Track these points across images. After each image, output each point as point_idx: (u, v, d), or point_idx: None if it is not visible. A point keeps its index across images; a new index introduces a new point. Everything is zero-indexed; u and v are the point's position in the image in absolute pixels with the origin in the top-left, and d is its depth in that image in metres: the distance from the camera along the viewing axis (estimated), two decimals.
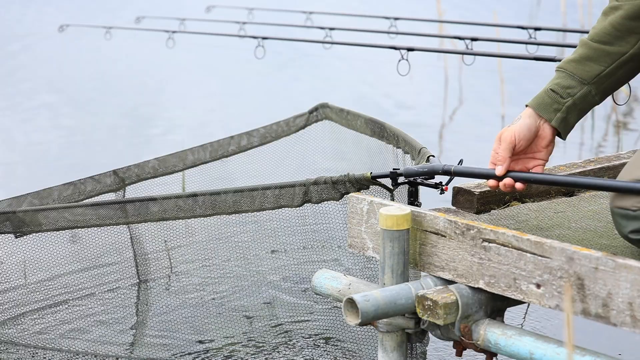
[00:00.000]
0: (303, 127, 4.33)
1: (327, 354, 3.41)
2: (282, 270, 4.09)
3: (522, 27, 4.65)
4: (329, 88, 9.09)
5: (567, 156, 6.23)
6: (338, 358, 3.38)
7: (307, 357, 3.39)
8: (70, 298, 3.74)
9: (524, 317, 3.69)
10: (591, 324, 2.12)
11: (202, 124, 7.59)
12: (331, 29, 5.09)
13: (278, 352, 3.42)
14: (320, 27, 5.24)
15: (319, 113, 4.33)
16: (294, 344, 3.48)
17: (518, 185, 2.38)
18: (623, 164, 2.93)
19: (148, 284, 3.92)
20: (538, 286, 2.15)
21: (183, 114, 8.04)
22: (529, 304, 2.75)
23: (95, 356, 3.38)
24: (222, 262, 4.13)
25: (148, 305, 3.81)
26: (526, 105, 2.43)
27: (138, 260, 3.90)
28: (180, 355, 3.40)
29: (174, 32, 5.76)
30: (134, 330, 3.63)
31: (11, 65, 10.50)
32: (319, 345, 3.47)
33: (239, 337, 3.51)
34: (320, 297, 3.10)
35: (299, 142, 4.37)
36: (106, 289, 3.84)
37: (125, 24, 7.05)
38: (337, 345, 3.47)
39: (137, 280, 3.91)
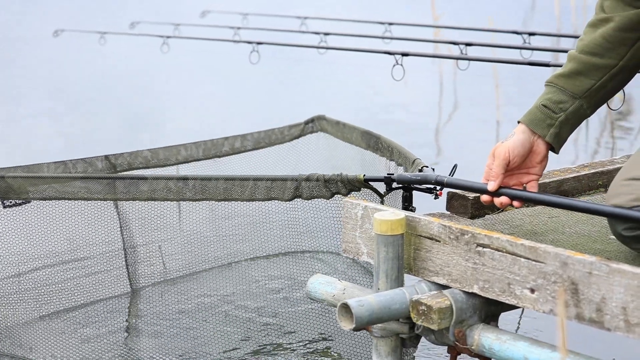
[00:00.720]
0: (297, 137, 4.35)
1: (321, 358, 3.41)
2: (273, 272, 4.10)
3: (517, 32, 4.65)
4: (323, 93, 9.09)
5: (561, 161, 6.23)
6: None
7: None
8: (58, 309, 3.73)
9: (519, 322, 3.69)
10: (585, 329, 2.12)
11: (196, 128, 7.59)
12: (326, 34, 5.09)
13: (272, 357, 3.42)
14: (315, 32, 5.24)
15: (314, 124, 4.33)
16: (288, 348, 3.48)
17: (515, 203, 2.38)
18: (617, 169, 2.94)
19: (140, 292, 3.91)
20: (532, 291, 2.15)
21: (177, 118, 8.03)
22: (523, 309, 2.75)
23: None
24: (212, 266, 4.14)
25: (139, 312, 3.80)
26: (518, 122, 2.44)
27: (130, 269, 3.90)
28: None
29: (168, 37, 5.77)
30: (127, 334, 3.63)
31: (5, 69, 10.50)
32: (313, 349, 3.47)
33: (228, 344, 3.51)
34: (315, 301, 3.10)
35: (291, 151, 4.38)
36: (98, 299, 3.83)
37: (120, 29, 7.05)
38: (331, 349, 3.47)
39: (130, 289, 3.90)
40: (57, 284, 3.75)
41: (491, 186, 2.37)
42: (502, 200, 2.38)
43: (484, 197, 2.41)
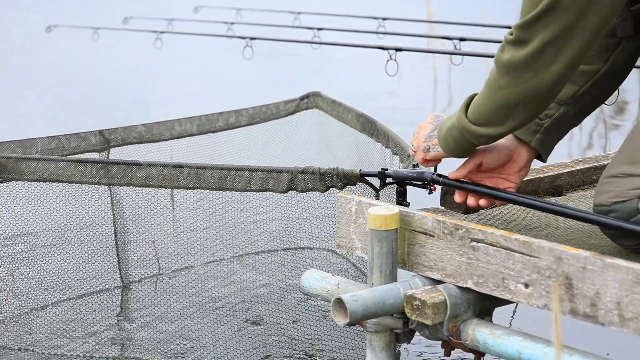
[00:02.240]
0: (292, 113, 4.34)
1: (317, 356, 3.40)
2: (267, 268, 4.10)
3: (510, 27, 4.65)
4: (317, 88, 9.08)
5: (555, 156, 6.22)
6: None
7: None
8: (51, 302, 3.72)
9: (512, 317, 3.69)
10: (579, 324, 2.12)
11: None
12: (319, 29, 5.09)
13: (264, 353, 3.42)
14: (309, 28, 5.24)
15: (309, 101, 4.33)
16: (281, 346, 3.48)
17: (482, 201, 2.43)
18: None
19: (131, 287, 3.91)
20: (526, 286, 2.15)
21: (170, 114, 8.01)
22: (517, 304, 2.75)
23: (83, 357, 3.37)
24: (207, 262, 4.13)
25: (130, 306, 3.80)
26: None
27: (121, 266, 3.89)
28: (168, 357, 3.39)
29: (161, 32, 5.76)
30: (121, 330, 3.62)
31: None
32: (308, 348, 3.47)
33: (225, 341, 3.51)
34: (309, 297, 3.10)
35: (286, 127, 4.38)
36: (86, 292, 3.82)
37: (113, 25, 7.04)
38: (323, 348, 3.46)
39: (121, 284, 3.89)
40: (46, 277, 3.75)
41: (453, 174, 2.43)
42: (482, 202, 2.42)
43: (465, 200, 2.45)
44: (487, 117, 2.26)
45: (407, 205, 2.66)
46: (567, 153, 6.52)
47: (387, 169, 2.72)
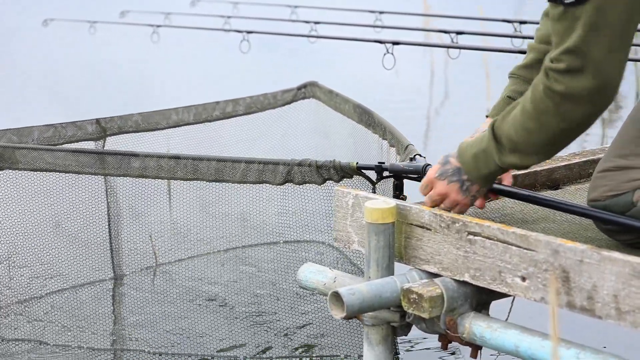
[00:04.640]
0: (289, 103, 4.35)
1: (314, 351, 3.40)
2: (266, 262, 4.10)
3: (508, 21, 4.66)
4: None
5: None
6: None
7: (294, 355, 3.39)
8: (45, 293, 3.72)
9: (509, 310, 3.69)
10: (576, 317, 2.12)
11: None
12: (316, 22, 5.09)
13: (261, 346, 3.42)
14: (306, 21, 5.23)
15: (307, 90, 4.33)
16: (278, 339, 3.48)
17: (478, 202, 2.42)
18: None
19: (125, 278, 3.91)
20: (523, 279, 2.15)
21: (167, 108, 8.00)
22: (514, 297, 2.75)
23: (79, 348, 3.37)
24: (206, 253, 4.13)
25: (123, 300, 3.80)
26: (486, 116, 2.45)
27: (114, 257, 3.89)
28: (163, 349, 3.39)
29: (158, 26, 5.76)
30: (114, 323, 3.62)
31: None
32: (305, 342, 3.47)
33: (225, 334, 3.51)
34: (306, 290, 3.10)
35: (283, 116, 4.39)
36: (81, 283, 3.82)
37: (110, 18, 7.03)
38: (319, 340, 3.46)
39: (113, 275, 3.89)
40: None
41: None
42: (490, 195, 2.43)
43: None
44: (537, 147, 2.24)
45: (404, 198, 2.66)
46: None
47: (383, 162, 2.72)
